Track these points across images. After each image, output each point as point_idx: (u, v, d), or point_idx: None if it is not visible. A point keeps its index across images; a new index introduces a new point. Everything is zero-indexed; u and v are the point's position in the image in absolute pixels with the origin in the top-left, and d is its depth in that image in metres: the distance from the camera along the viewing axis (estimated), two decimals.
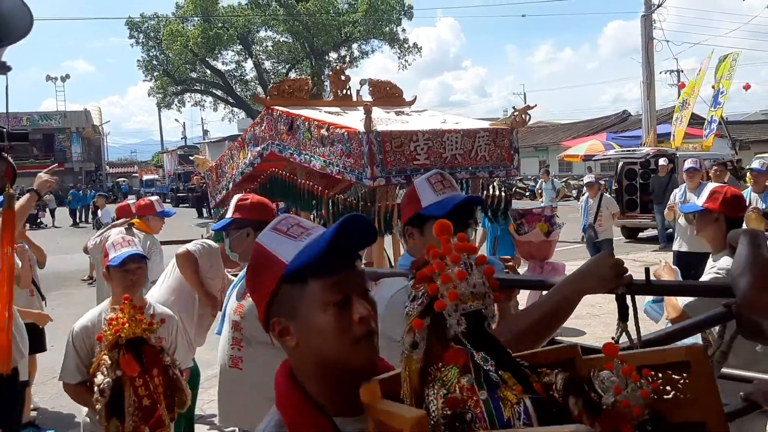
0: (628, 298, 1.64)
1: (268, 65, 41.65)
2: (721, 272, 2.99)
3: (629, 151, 17.00)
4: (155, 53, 40.22)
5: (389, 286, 1.98)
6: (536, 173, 30.40)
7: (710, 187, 3.37)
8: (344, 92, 4.06)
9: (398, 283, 1.97)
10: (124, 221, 5.86)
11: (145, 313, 3.06)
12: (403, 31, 39.66)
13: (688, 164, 8.47)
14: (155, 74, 40.48)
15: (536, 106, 3.98)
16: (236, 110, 42.89)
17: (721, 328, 1.66)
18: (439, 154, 3.30)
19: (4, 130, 2.66)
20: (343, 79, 4.07)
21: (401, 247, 3.30)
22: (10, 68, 2.41)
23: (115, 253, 3.19)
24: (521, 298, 4.11)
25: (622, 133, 29.24)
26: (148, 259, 3.23)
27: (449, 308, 1.08)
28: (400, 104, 4.21)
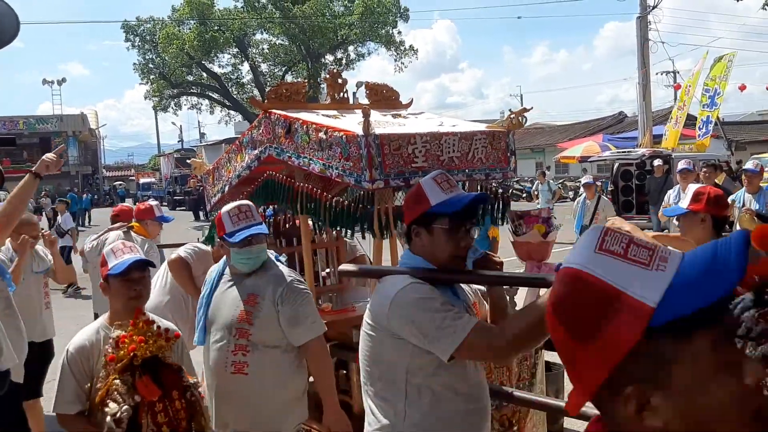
0: None
1: (264, 68, 41.65)
2: None
3: (625, 152, 17.06)
4: (151, 56, 40.20)
5: (392, 284, 1.99)
6: (533, 175, 30.44)
7: (692, 188, 3.38)
8: (341, 95, 4.06)
9: (401, 281, 1.99)
10: (121, 225, 5.76)
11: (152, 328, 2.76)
12: (399, 33, 39.71)
13: (681, 165, 8.52)
14: (151, 77, 40.46)
15: (532, 108, 4.00)
16: (233, 113, 42.87)
17: None
18: (436, 156, 3.31)
19: None
20: (340, 82, 4.08)
21: (398, 248, 3.31)
22: None
23: (115, 260, 2.79)
24: (518, 297, 4.13)
25: (618, 134, 29.27)
26: (153, 266, 2.90)
27: None
28: (397, 107, 4.22)
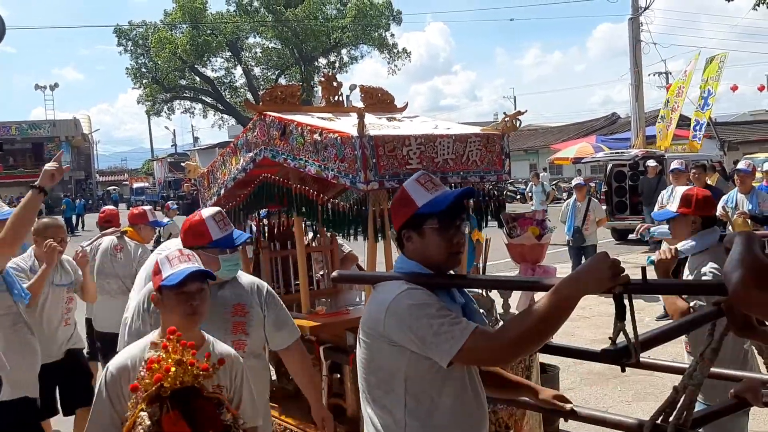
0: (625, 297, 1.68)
1: (257, 71, 41.66)
2: (714, 270, 3.00)
3: (618, 153, 17.14)
4: (144, 61, 40.16)
5: (388, 290, 1.97)
6: (526, 176, 30.52)
7: (680, 191, 3.34)
8: (336, 98, 4.07)
9: (396, 287, 1.96)
10: (114, 230, 5.75)
11: (198, 352, 2.26)
12: (392, 36, 39.87)
13: (673, 165, 8.57)
14: (144, 82, 40.41)
15: (526, 111, 4.02)
16: (226, 117, 42.83)
17: (711, 326, 1.69)
18: (431, 158, 3.32)
19: None
20: (334, 85, 4.08)
21: (392, 251, 3.31)
22: None
23: (170, 269, 2.39)
24: (512, 300, 4.13)
25: (611, 135, 29.38)
26: (213, 279, 2.54)
27: None
28: (391, 110, 4.22)
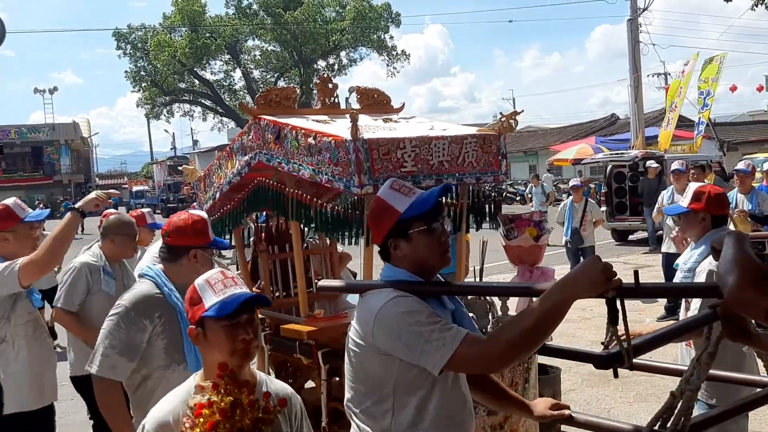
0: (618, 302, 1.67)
1: (256, 74, 41.73)
2: (712, 266, 2.98)
3: (618, 154, 17.14)
4: (143, 64, 40.23)
5: (376, 299, 1.95)
6: (526, 178, 30.52)
7: (693, 187, 3.36)
8: (332, 100, 4.04)
9: (384, 295, 1.94)
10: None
11: (255, 393, 1.90)
12: (391, 38, 39.95)
13: (674, 166, 8.54)
14: (143, 85, 40.49)
15: (523, 111, 3.98)
16: (225, 120, 42.90)
17: (707, 329, 1.67)
18: (426, 160, 3.30)
19: None
20: (330, 87, 4.05)
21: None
22: None
23: (215, 296, 1.89)
24: (510, 304, 4.11)
25: (611, 136, 29.39)
26: (268, 304, 2.17)
27: None
28: (388, 111, 4.20)
